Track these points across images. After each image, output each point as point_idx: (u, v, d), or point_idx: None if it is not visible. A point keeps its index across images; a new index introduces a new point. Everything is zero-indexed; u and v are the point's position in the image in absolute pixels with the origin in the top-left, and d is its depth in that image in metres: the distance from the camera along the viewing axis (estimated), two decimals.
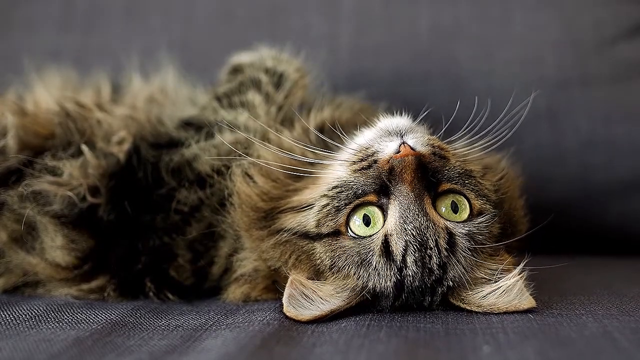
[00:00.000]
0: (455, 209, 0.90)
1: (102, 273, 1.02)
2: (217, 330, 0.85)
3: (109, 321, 0.89)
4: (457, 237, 0.88)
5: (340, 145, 0.97)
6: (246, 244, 0.98)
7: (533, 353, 0.73)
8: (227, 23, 1.53)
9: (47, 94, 1.15)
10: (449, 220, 0.88)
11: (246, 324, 0.87)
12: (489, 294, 0.89)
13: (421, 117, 0.96)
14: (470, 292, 0.89)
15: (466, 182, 0.91)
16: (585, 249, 1.39)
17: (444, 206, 0.89)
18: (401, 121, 0.94)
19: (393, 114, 0.96)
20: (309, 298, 0.89)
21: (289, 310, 0.88)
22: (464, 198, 0.90)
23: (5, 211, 1.03)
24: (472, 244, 0.88)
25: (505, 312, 0.88)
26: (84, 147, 1.03)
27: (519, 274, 0.88)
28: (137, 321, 0.90)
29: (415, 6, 1.49)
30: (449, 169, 0.91)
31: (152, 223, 1.01)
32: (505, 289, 0.88)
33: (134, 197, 1.01)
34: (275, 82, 1.11)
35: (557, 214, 1.16)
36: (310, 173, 0.95)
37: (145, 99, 1.15)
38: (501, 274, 0.89)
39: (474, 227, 0.89)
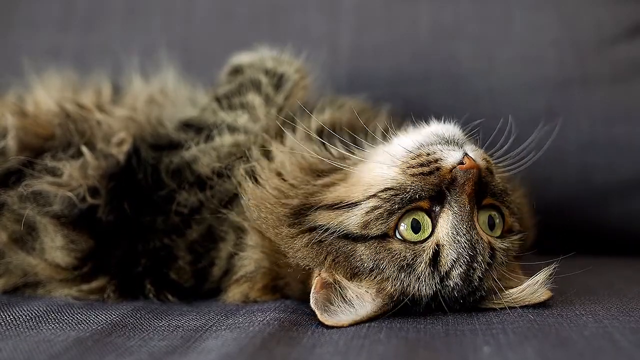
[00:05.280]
0: (491, 224, 0.90)
1: (102, 274, 1.02)
2: (217, 331, 0.85)
3: (109, 322, 0.89)
4: (497, 252, 0.89)
5: (362, 145, 0.97)
6: (252, 241, 0.97)
7: (533, 353, 0.73)
8: (227, 23, 1.52)
9: (47, 95, 1.15)
10: (488, 235, 0.89)
11: (246, 324, 0.87)
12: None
13: (467, 129, 0.96)
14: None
15: (505, 199, 0.92)
16: (585, 249, 1.39)
17: (482, 221, 0.90)
18: (455, 130, 0.93)
19: (442, 120, 0.95)
20: (348, 301, 0.87)
21: (324, 317, 0.85)
22: (498, 214, 0.91)
23: (5, 212, 1.03)
24: (506, 259, 0.89)
25: (527, 305, 0.89)
26: (84, 148, 1.04)
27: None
28: (137, 322, 0.90)
29: (415, 6, 1.49)
30: (495, 184, 0.91)
31: (152, 224, 1.00)
32: (532, 282, 0.90)
33: (134, 198, 1.01)
34: (275, 83, 1.10)
35: (557, 214, 1.16)
36: (339, 169, 0.94)
37: (145, 99, 1.15)
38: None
39: (510, 243, 0.91)
